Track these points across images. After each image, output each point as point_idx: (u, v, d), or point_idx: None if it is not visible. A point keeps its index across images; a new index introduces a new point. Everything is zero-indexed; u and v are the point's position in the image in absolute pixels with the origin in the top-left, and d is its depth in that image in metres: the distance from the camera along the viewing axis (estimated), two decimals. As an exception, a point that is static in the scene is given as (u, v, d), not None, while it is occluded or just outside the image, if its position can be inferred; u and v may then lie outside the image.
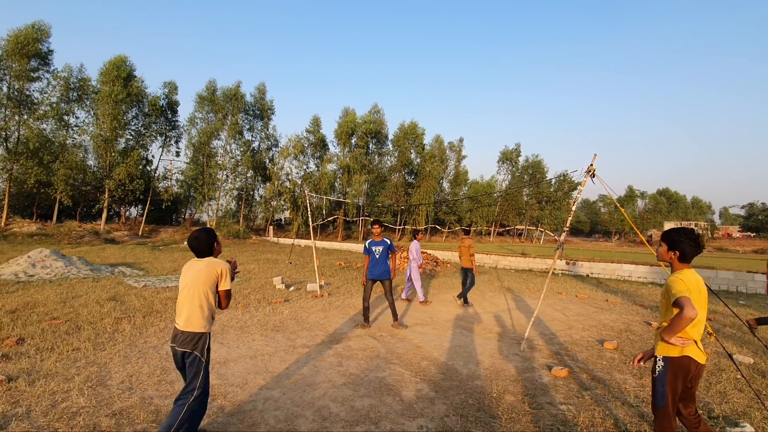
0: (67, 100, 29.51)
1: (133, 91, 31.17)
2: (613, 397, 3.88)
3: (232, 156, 38.26)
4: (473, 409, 3.55)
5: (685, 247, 2.51)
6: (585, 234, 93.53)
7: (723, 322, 7.44)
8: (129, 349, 4.79)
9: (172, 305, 7.12)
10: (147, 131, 33.92)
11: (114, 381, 3.84)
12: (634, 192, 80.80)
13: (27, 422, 3.03)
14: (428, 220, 47.05)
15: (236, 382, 3.96)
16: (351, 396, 3.73)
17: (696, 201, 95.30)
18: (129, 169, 30.25)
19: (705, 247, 2.50)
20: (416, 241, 8.89)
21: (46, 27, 27.40)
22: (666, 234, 2.62)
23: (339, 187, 44.90)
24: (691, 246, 2.49)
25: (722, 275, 12.97)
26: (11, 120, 26.27)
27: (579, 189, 5.46)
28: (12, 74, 26.25)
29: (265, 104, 40.62)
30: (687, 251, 2.50)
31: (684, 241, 2.50)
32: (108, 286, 8.79)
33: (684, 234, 2.53)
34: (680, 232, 2.56)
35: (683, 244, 2.50)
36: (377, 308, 7.82)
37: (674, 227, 2.69)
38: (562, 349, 5.47)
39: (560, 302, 9.20)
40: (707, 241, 55.88)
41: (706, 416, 3.49)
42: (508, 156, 56.28)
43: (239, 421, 3.20)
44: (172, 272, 11.93)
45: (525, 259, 18.10)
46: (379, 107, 47.27)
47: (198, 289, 2.80)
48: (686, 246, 2.50)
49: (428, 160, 47.67)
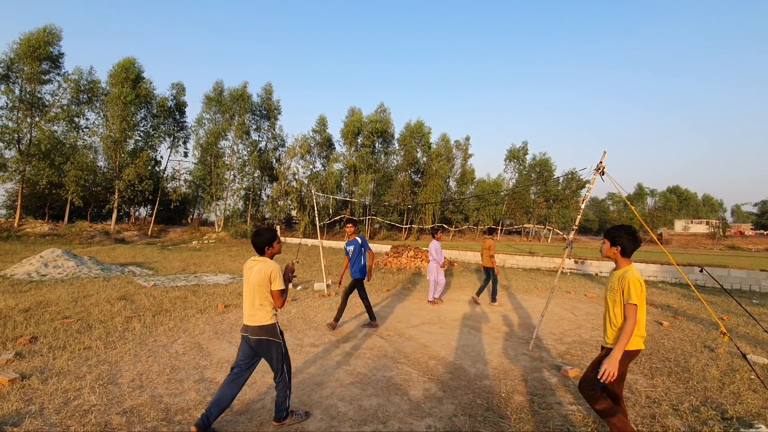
0: (78, 103, 29.94)
1: (142, 93, 31.53)
2: (623, 397, 3.83)
3: (239, 156, 38.54)
4: (482, 408, 3.53)
5: (625, 242, 2.73)
6: (593, 233, 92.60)
7: (736, 322, 7.32)
8: (139, 347, 4.84)
9: (182, 304, 7.19)
10: (155, 132, 34.32)
11: (124, 379, 3.88)
12: (644, 190, 79.84)
13: (40, 419, 3.07)
14: (435, 219, 46.92)
15: (245, 380, 3.97)
16: (359, 395, 3.73)
17: (707, 198, 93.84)
18: (138, 170, 30.61)
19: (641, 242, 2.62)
20: (436, 240, 8.73)
21: (57, 30, 27.80)
22: (607, 232, 2.86)
23: (345, 187, 44.95)
24: (630, 241, 2.73)
25: (735, 274, 12.76)
26: (23, 122, 26.71)
27: (588, 187, 5.40)
28: (24, 77, 26.69)
29: (272, 104, 40.81)
30: (627, 246, 2.73)
31: (623, 237, 2.72)
32: (118, 286, 8.90)
33: (623, 230, 2.75)
34: (620, 229, 2.77)
35: (623, 239, 2.72)
36: (385, 308, 7.82)
37: (615, 225, 2.89)
38: (571, 349, 5.42)
39: (569, 301, 9.11)
40: (719, 240, 55.06)
41: (720, 417, 3.43)
42: (515, 154, 55.89)
43: (248, 420, 3.22)
44: (181, 271, 12.04)
45: (533, 258, 17.97)
46: (385, 106, 47.28)
47: (254, 290, 3.10)
48: (626, 241, 2.73)
49: (434, 158, 47.52)
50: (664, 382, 4.23)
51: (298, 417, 3.23)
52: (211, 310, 6.88)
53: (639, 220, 38.77)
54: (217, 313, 6.70)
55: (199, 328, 5.76)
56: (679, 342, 5.84)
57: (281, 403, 3.15)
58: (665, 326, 6.79)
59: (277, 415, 3.15)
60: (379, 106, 47.63)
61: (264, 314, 3.09)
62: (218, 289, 8.97)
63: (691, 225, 66.91)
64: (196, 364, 4.36)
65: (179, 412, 3.28)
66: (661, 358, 5.07)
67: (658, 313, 8.05)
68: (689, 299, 9.80)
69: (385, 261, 14.99)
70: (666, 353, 5.26)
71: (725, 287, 12.24)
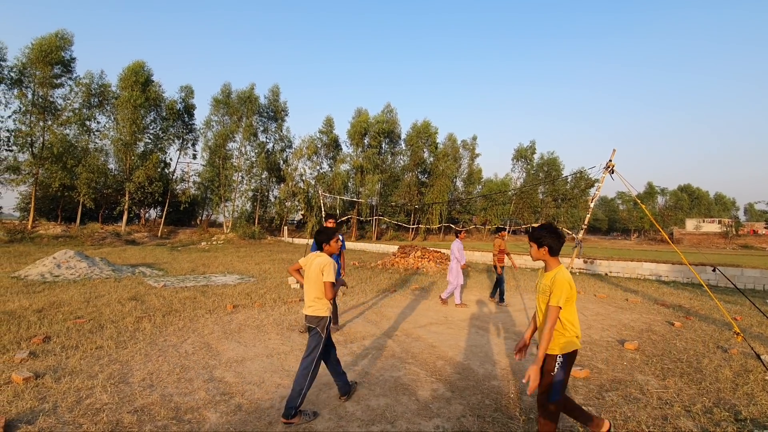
0: (89, 106, 30.39)
1: (151, 96, 31.90)
2: (634, 398, 3.78)
3: (247, 158, 38.80)
4: (490, 409, 3.51)
5: (549, 241, 2.69)
6: (603, 232, 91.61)
7: (750, 322, 7.19)
8: (149, 347, 4.90)
9: (191, 304, 7.26)
10: (165, 135, 34.68)
11: (135, 378, 3.93)
12: (654, 188, 78.80)
13: (53, 417, 3.12)
14: (442, 219, 46.80)
15: (253, 380, 4.00)
16: (366, 395, 3.73)
17: (719, 197, 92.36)
18: (148, 172, 30.98)
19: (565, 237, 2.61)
20: (459, 240, 8.49)
21: (69, 35, 28.23)
22: (531, 235, 2.79)
23: (352, 187, 45.03)
24: (554, 239, 2.69)
25: (748, 273, 12.54)
26: (36, 126, 27.18)
27: (597, 185, 5.35)
28: (36, 81, 27.16)
29: (279, 106, 41.02)
30: (553, 245, 2.68)
31: (547, 237, 2.68)
32: (129, 286, 9.01)
33: (545, 230, 2.72)
34: (542, 229, 2.73)
35: (547, 239, 2.68)
36: (393, 308, 7.81)
37: (537, 226, 2.84)
38: (581, 350, 5.36)
39: (578, 302, 9.03)
40: (732, 239, 54.10)
41: (733, 419, 3.37)
42: (522, 153, 55.53)
43: (256, 419, 3.24)
44: (190, 272, 12.15)
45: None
46: (392, 107, 47.27)
47: (311, 282, 3.43)
48: (550, 240, 2.69)
49: (441, 159, 47.40)
50: (677, 383, 4.16)
51: (307, 417, 3.25)
52: (220, 311, 6.94)
53: (650, 219, 38.11)
54: (225, 314, 6.75)
55: (209, 328, 5.81)
56: (692, 342, 5.75)
57: (293, 399, 3.19)
58: (677, 327, 6.69)
59: (286, 412, 3.17)
60: (386, 107, 47.65)
61: (320, 306, 3.41)
62: (227, 289, 9.04)
63: (702, 224, 65.87)
64: (205, 364, 4.40)
65: (189, 411, 3.31)
66: (673, 359, 5.00)
67: (669, 313, 7.94)
68: (701, 299, 9.65)
69: (392, 261, 14.98)
70: (678, 354, 5.19)
71: (738, 287, 12.02)
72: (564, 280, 2.61)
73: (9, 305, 6.67)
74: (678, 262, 14.03)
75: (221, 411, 3.33)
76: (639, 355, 5.15)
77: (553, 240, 2.67)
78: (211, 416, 3.24)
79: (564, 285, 2.60)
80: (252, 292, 8.71)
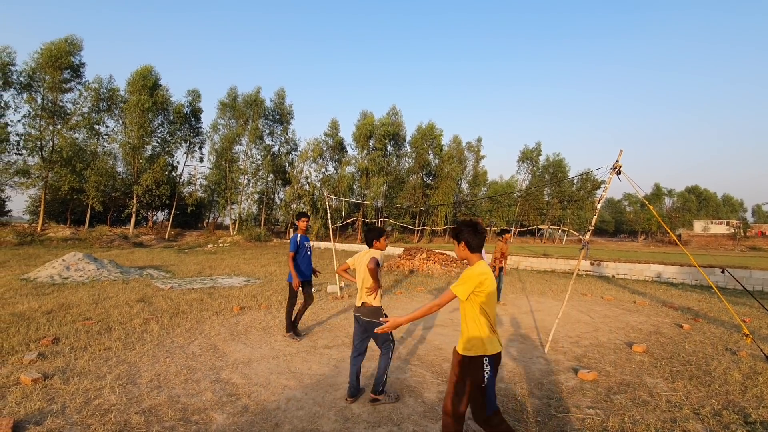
0: (98, 110, 30.77)
1: (159, 100, 32.24)
2: (643, 401, 3.75)
3: (253, 161, 39.03)
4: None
5: (467, 237, 2.63)
6: (609, 234, 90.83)
7: (759, 324, 7.09)
8: (157, 348, 4.94)
9: (198, 306, 7.30)
10: (172, 138, 35.01)
11: (143, 379, 3.96)
12: (661, 190, 78.01)
13: (62, 418, 3.16)
14: (447, 221, 46.70)
15: (260, 381, 4.02)
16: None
17: (727, 198, 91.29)
18: (155, 175, 31.27)
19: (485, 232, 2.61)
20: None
21: (78, 41, 28.65)
22: (452, 233, 2.82)
23: (358, 190, 45.08)
24: (471, 234, 2.62)
25: (756, 275, 12.37)
26: (46, 130, 27.57)
27: (604, 186, 5.31)
28: (46, 86, 27.57)
29: (285, 109, 41.26)
30: (470, 241, 2.63)
31: (464, 232, 2.66)
32: (137, 288, 9.09)
33: (463, 225, 2.70)
34: (460, 225, 2.72)
35: (464, 235, 2.65)
36: (398, 310, 7.80)
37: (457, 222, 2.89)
38: (588, 352, 5.32)
39: (585, 304, 8.96)
40: (740, 240, 53.40)
41: (743, 421, 3.33)
42: (528, 155, 55.28)
43: (263, 420, 3.25)
44: (197, 274, 12.23)
45: (547, 260, 17.72)
46: (397, 109, 47.33)
47: (362, 275, 3.77)
48: (467, 236, 2.63)
49: (446, 161, 47.34)
50: (685, 386, 4.12)
51: (390, 398, 3.62)
52: (227, 312, 6.98)
53: (657, 221, 37.80)
54: (232, 315, 6.79)
55: (215, 330, 5.84)
56: (700, 345, 5.69)
57: (380, 377, 3.62)
58: (686, 329, 6.62)
59: (374, 389, 3.64)
60: (391, 109, 47.75)
61: (371, 298, 3.72)
62: (233, 291, 9.09)
63: (711, 225, 65.13)
64: (212, 365, 4.42)
65: (196, 412, 3.33)
66: (682, 361, 4.94)
67: (678, 315, 7.85)
68: (710, 302, 9.53)
69: (397, 263, 14.97)
70: (687, 356, 5.13)
71: (747, 288, 11.86)
72: (473, 273, 2.48)
73: (18, 307, 6.75)
74: (686, 264, 13.88)
75: (228, 412, 3.35)
76: (647, 357, 5.10)
77: (470, 235, 2.62)
78: (218, 417, 3.26)
79: (470, 276, 2.47)
80: (258, 294, 8.74)
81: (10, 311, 6.44)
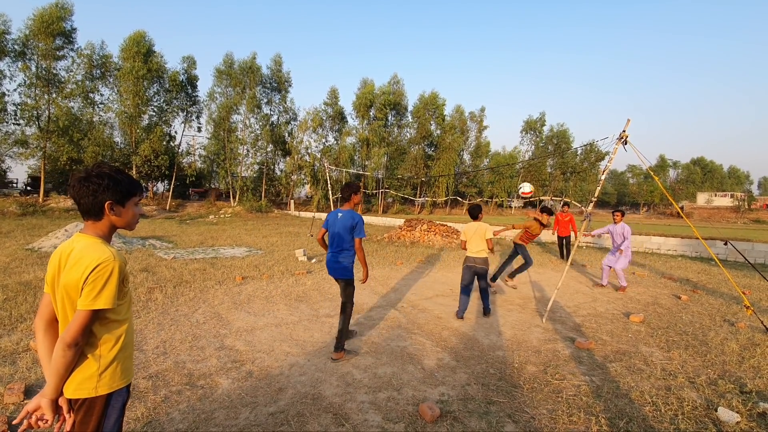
0: (92, 78, 30.11)
1: (153, 67, 31.44)
2: (638, 369, 3.82)
3: (251, 130, 38.49)
4: (494, 378, 3.57)
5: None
6: (611, 206, 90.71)
7: (759, 296, 7.16)
8: (162, 316, 5.02)
9: (201, 276, 7.38)
10: (169, 107, 34.38)
11: (149, 346, 4.04)
12: (666, 161, 77.29)
13: (72, 383, 3.23)
14: (448, 192, 46.55)
15: (263, 348, 4.10)
16: (373, 364, 3.81)
17: (733, 170, 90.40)
18: (153, 145, 30.95)
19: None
20: (623, 223, 7.54)
21: (69, 5, 27.66)
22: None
23: (358, 160, 44.71)
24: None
25: (759, 248, 12.40)
26: (41, 99, 27.09)
27: (610, 157, 5.21)
28: (39, 53, 26.85)
29: (282, 76, 40.23)
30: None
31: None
32: (140, 258, 9.17)
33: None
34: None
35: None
36: (399, 281, 7.88)
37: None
38: (586, 322, 5.40)
39: (585, 275, 9.03)
40: (743, 213, 53.30)
41: (738, 391, 3.40)
42: (532, 126, 54.43)
43: (267, 385, 3.33)
44: (199, 245, 12.32)
45: (547, 232, 17.74)
46: (398, 77, 46.23)
47: (478, 239, 5.40)
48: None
49: (448, 131, 46.66)
50: (681, 356, 4.19)
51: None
52: (229, 282, 7.06)
53: (662, 192, 37.61)
54: (234, 285, 6.87)
55: (218, 299, 5.92)
56: (698, 316, 5.76)
57: (487, 299, 5.54)
58: (684, 300, 6.69)
59: (486, 309, 5.57)
60: (392, 78, 46.64)
61: (485, 253, 5.37)
62: (235, 261, 9.17)
63: (714, 198, 64.89)
64: (216, 333, 4.50)
65: (201, 377, 3.41)
66: (679, 331, 5.01)
67: (677, 287, 7.92)
68: (709, 273, 9.60)
69: (398, 235, 15.02)
70: (684, 327, 5.20)
71: (749, 261, 11.93)
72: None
73: (25, 276, 6.83)
74: (687, 236, 13.89)
75: (233, 377, 3.43)
76: (644, 327, 5.17)
77: None
78: (223, 382, 3.34)
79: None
80: (260, 264, 8.82)
81: (17, 280, 6.52)
